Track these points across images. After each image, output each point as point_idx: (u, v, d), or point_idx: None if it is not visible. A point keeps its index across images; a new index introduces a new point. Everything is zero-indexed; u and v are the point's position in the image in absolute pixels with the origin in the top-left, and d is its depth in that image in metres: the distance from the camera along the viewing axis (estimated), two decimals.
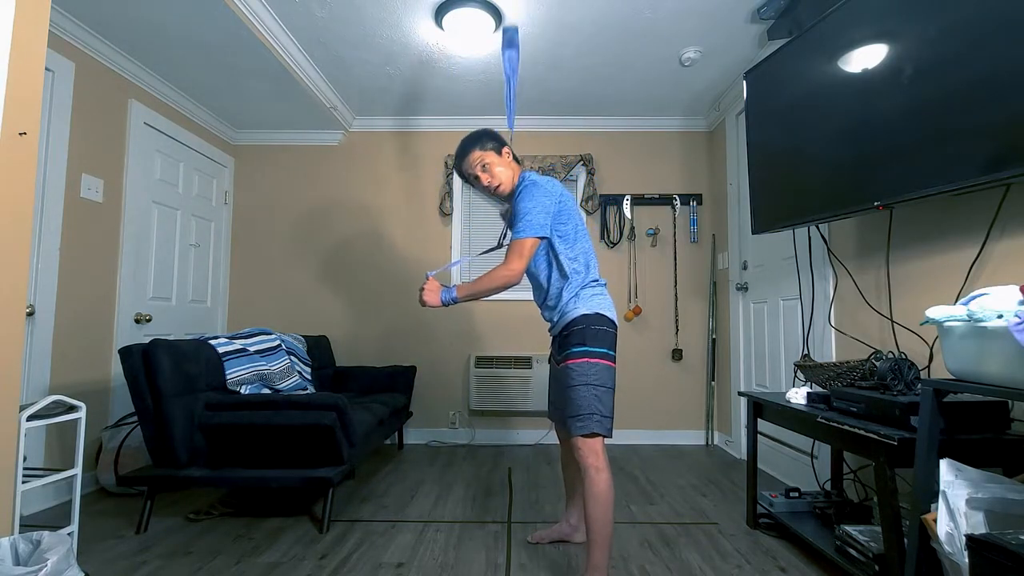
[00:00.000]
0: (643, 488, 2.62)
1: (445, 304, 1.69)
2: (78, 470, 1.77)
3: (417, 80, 3.20)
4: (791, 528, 1.88)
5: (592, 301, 1.65)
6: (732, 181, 3.35)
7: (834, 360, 2.26)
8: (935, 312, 1.27)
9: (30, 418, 1.58)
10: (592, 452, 1.55)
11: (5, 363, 1.34)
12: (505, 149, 1.76)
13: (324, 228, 3.78)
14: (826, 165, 1.96)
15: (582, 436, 1.55)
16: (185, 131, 3.27)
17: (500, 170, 1.72)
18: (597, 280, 1.72)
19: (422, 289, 1.70)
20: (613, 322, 1.65)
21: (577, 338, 1.61)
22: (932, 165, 1.54)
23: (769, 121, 2.29)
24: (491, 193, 1.75)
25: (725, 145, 3.45)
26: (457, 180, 3.75)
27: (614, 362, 1.63)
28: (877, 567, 1.48)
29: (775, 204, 2.26)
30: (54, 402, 1.72)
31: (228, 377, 2.28)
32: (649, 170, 3.76)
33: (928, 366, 1.76)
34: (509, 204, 1.77)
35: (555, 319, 1.72)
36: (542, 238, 1.64)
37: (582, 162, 3.68)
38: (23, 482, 1.53)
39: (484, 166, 1.72)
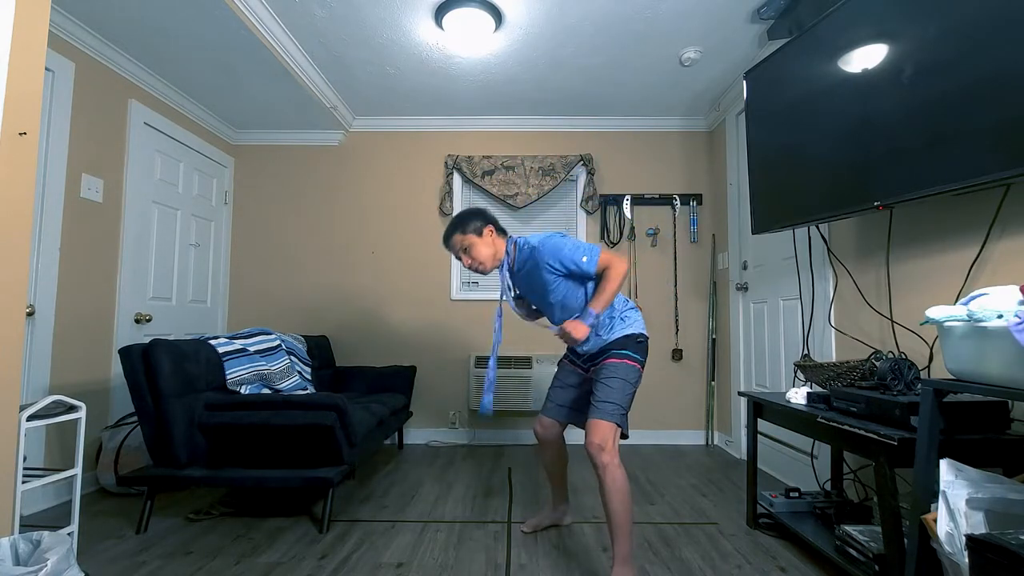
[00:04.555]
0: (643, 488, 2.62)
1: (592, 327, 1.74)
2: (78, 470, 1.77)
3: (417, 80, 3.20)
4: (791, 528, 1.88)
5: (635, 324, 1.81)
6: (732, 181, 3.35)
7: (834, 360, 2.26)
8: (935, 312, 1.27)
9: (30, 418, 1.58)
10: (609, 444, 1.62)
11: (5, 363, 1.34)
12: (488, 229, 1.82)
13: (324, 228, 3.78)
14: (826, 165, 1.96)
15: (605, 422, 1.63)
16: (185, 131, 3.27)
17: (480, 250, 1.81)
18: (628, 302, 1.87)
19: (565, 332, 1.68)
20: (647, 336, 1.83)
21: (617, 346, 1.77)
22: (932, 165, 1.54)
23: (769, 121, 2.29)
24: (475, 271, 1.85)
25: (725, 145, 3.45)
26: (457, 180, 3.76)
27: (643, 367, 1.78)
28: (877, 567, 1.48)
29: (775, 204, 2.26)
30: (54, 402, 1.72)
31: (228, 377, 2.28)
32: (649, 170, 3.76)
33: (928, 366, 1.76)
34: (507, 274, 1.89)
35: (594, 346, 1.83)
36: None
37: (582, 162, 3.68)
38: (23, 482, 1.53)
39: (465, 249, 1.82)
